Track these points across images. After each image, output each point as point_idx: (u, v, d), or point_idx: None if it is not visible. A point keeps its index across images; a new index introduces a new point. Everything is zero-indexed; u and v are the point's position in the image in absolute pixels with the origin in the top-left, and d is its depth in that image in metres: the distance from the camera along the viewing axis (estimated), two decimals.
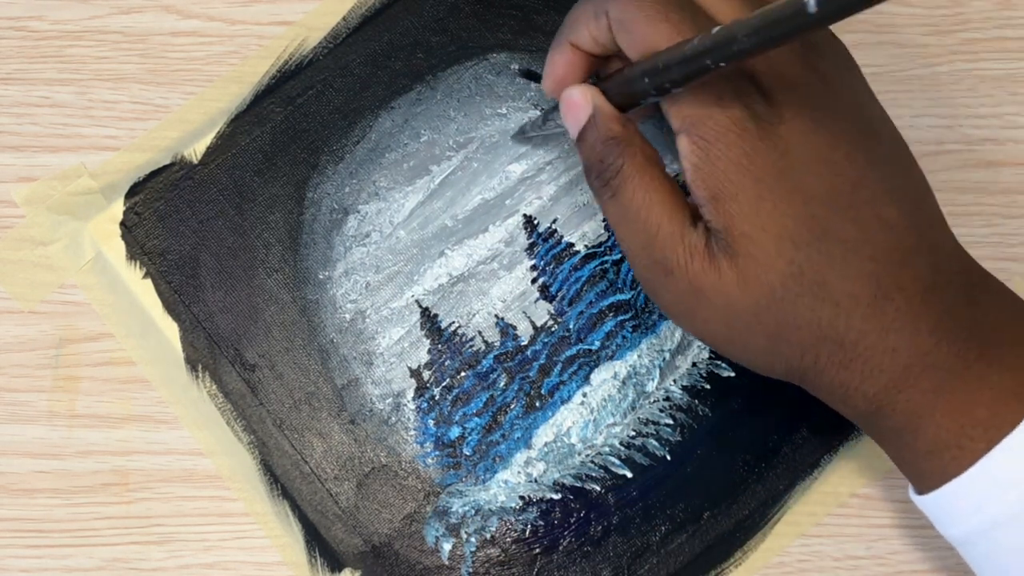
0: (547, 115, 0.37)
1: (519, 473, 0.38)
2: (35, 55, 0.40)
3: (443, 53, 0.40)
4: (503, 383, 0.39)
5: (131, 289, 0.39)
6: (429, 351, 0.39)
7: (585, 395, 0.38)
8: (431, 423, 0.38)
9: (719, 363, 0.39)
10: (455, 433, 0.38)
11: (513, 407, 0.38)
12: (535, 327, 0.39)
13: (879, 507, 0.38)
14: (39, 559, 0.38)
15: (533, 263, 0.39)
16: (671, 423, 0.38)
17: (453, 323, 0.39)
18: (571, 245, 0.39)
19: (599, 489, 0.38)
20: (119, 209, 0.39)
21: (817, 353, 0.30)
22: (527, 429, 0.38)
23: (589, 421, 0.38)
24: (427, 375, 0.39)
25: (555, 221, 0.39)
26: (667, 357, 0.39)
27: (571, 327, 0.39)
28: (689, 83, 0.28)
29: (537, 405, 0.38)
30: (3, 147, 0.40)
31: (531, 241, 0.39)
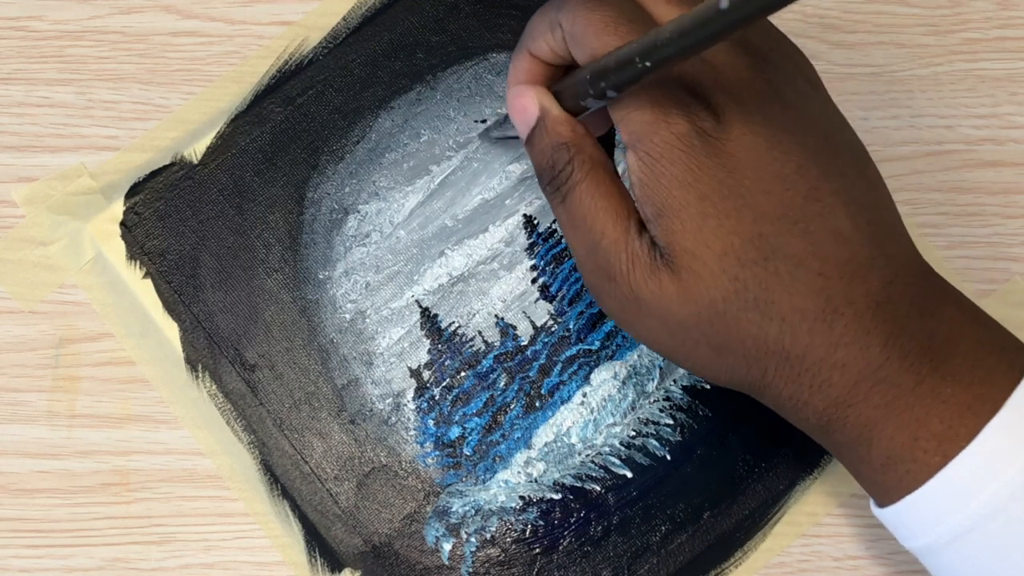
0: (508, 117, 0.37)
1: (519, 473, 0.38)
2: (35, 55, 0.40)
3: (443, 53, 0.40)
4: (503, 383, 0.39)
5: (131, 289, 0.39)
6: (429, 351, 0.39)
7: (585, 395, 0.39)
8: (431, 423, 0.38)
9: None
10: (455, 433, 0.38)
11: (513, 407, 0.38)
12: (535, 327, 0.39)
13: None
14: (39, 559, 0.38)
15: (533, 263, 0.39)
16: (671, 423, 0.38)
17: (453, 323, 0.39)
18: None
19: (599, 489, 0.38)
20: (119, 209, 0.39)
21: (764, 367, 0.30)
22: (527, 429, 0.38)
23: (589, 421, 0.38)
24: (427, 375, 0.39)
25: (555, 221, 0.39)
26: None
27: (571, 327, 0.39)
28: (627, 88, 0.28)
29: (537, 405, 0.38)
30: (3, 147, 0.40)
31: (531, 241, 0.39)
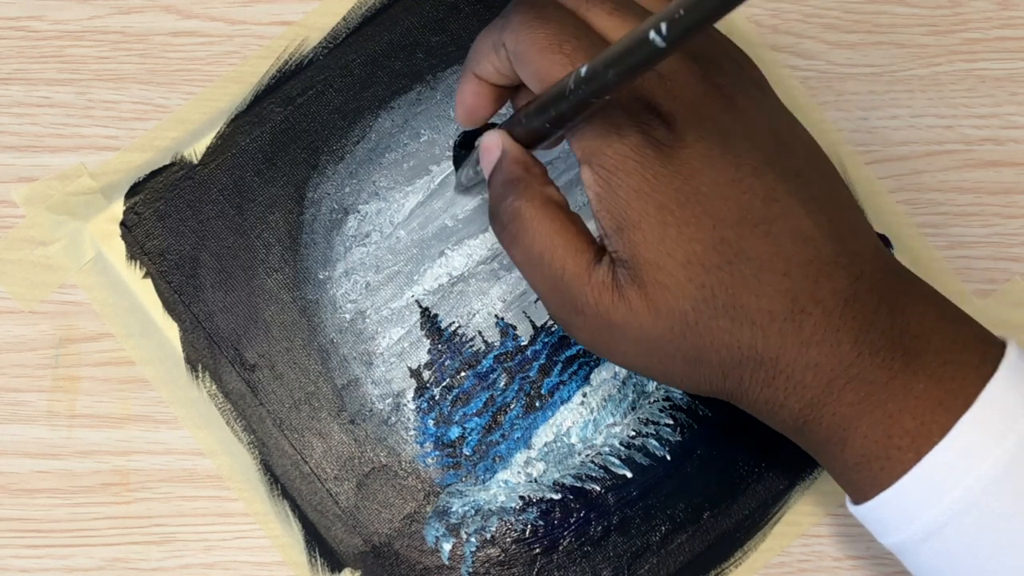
0: (477, 163, 0.36)
1: (519, 473, 0.38)
2: (35, 55, 0.40)
3: (443, 53, 0.40)
4: (503, 383, 0.39)
5: (131, 289, 0.39)
6: (429, 351, 0.39)
7: (585, 395, 0.39)
8: (431, 423, 0.38)
9: None
10: (455, 433, 0.38)
11: (513, 407, 0.38)
12: (535, 327, 0.39)
13: None
14: (39, 559, 0.38)
15: None
16: (671, 423, 0.38)
17: (453, 323, 0.39)
18: None
19: (599, 489, 0.38)
20: (119, 209, 0.39)
21: (740, 374, 0.30)
22: (527, 429, 0.38)
23: (589, 421, 0.38)
24: (427, 375, 0.39)
25: None
26: None
27: None
28: (580, 116, 0.28)
29: (537, 405, 0.38)
30: (3, 147, 0.40)
31: None
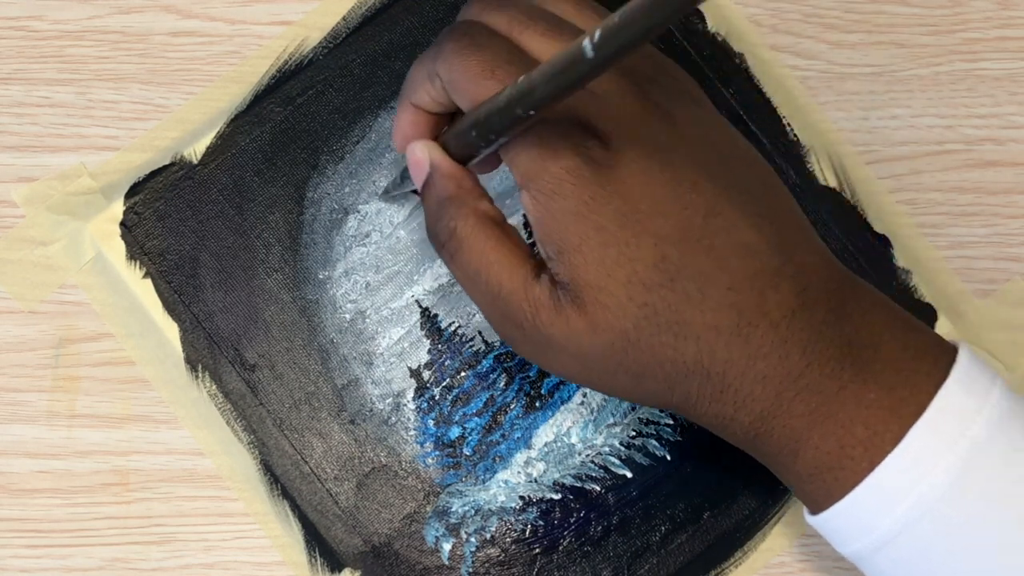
0: (403, 174, 0.36)
1: (519, 473, 0.38)
2: (35, 55, 0.40)
3: None
4: (503, 383, 0.39)
5: (131, 289, 0.39)
6: (429, 351, 0.39)
7: (585, 395, 0.38)
8: (431, 423, 0.38)
9: None
10: (455, 433, 0.38)
11: (513, 407, 0.38)
12: None
13: None
14: (39, 559, 0.38)
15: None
16: (671, 423, 0.38)
17: (453, 323, 0.39)
18: None
19: (599, 489, 0.38)
20: (119, 209, 0.39)
21: (687, 388, 0.29)
22: (527, 429, 0.38)
23: (589, 421, 0.38)
24: (427, 375, 0.39)
25: None
26: None
27: None
28: (511, 132, 0.28)
29: (537, 405, 0.38)
30: (3, 147, 0.40)
31: (531, 241, 0.39)
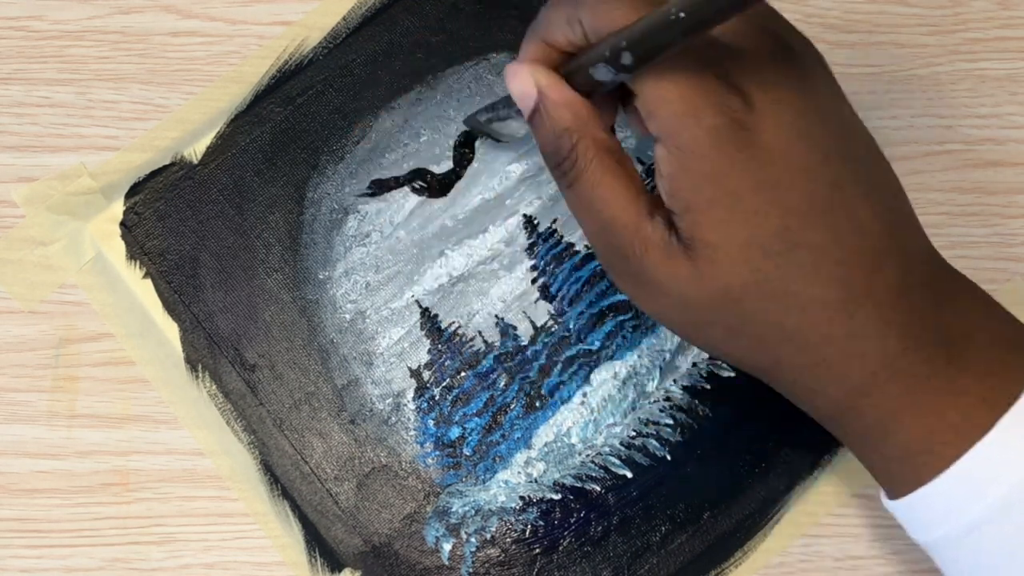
0: (503, 102, 0.35)
1: (519, 473, 0.38)
2: (35, 55, 0.40)
3: (443, 53, 0.40)
4: (503, 383, 0.39)
5: (131, 289, 0.39)
6: (429, 351, 0.39)
7: (585, 395, 0.38)
8: (431, 423, 0.38)
9: (719, 363, 0.39)
10: (455, 433, 0.38)
11: (513, 407, 0.38)
12: (535, 327, 0.39)
13: (879, 507, 0.38)
14: (39, 559, 0.38)
15: (533, 263, 0.39)
16: (671, 423, 0.38)
17: (453, 323, 0.39)
18: (571, 245, 0.39)
19: (599, 489, 0.38)
20: (119, 209, 0.39)
21: (779, 353, 0.30)
22: (527, 429, 0.38)
23: (589, 421, 0.38)
24: (427, 375, 0.39)
25: (555, 221, 0.39)
26: (667, 357, 0.39)
27: (571, 327, 0.39)
28: (649, 61, 0.27)
29: (537, 405, 0.38)
30: (3, 147, 0.40)
31: (531, 241, 0.39)
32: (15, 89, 0.40)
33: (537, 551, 0.38)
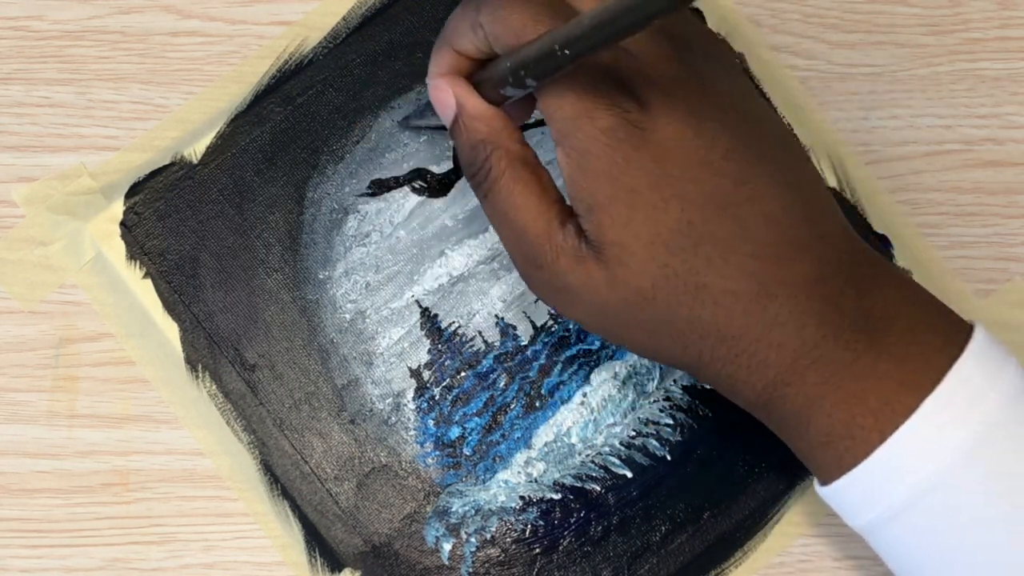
0: (428, 106, 0.35)
1: (519, 473, 0.38)
2: (35, 55, 0.40)
3: None
4: (503, 383, 0.39)
5: (131, 289, 0.39)
6: (429, 351, 0.39)
7: (585, 395, 0.39)
8: (431, 423, 0.38)
9: None
10: (455, 433, 0.38)
11: (513, 407, 0.38)
12: (535, 327, 0.39)
13: None
14: (39, 559, 0.38)
15: None
16: (671, 423, 0.38)
17: (453, 323, 0.39)
18: None
19: (599, 489, 0.38)
20: (119, 209, 0.39)
21: (700, 348, 0.30)
22: (527, 429, 0.38)
23: (589, 421, 0.38)
24: (427, 375, 0.39)
25: None
26: None
27: (571, 327, 0.39)
28: (547, 77, 0.28)
29: (537, 405, 0.38)
30: (3, 147, 0.40)
31: None
32: (15, 89, 0.40)
33: (537, 551, 0.38)
